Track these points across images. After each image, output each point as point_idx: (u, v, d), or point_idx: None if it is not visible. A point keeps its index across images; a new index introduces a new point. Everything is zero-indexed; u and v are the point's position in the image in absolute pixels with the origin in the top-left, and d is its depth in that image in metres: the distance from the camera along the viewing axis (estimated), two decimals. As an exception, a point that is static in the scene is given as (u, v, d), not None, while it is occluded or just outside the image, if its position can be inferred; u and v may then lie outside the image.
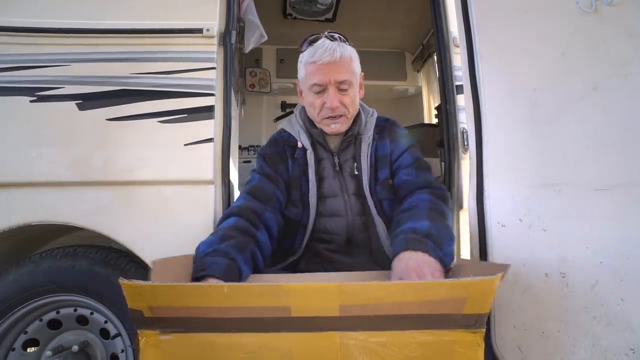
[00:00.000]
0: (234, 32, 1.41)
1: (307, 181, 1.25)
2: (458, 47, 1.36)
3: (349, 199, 1.26)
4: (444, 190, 1.18)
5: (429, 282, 0.67)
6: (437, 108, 2.48)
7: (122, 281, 0.60)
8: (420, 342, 0.62)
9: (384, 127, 1.33)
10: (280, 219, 1.21)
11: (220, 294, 0.61)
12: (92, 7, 1.39)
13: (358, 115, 1.29)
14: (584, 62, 1.16)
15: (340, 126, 1.23)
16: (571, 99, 1.15)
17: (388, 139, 1.31)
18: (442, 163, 1.68)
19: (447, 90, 1.49)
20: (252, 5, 1.71)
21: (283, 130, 1.34)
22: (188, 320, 0.62)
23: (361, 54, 1.27)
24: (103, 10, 1.39)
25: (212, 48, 1.37)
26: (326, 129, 1.24)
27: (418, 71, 3.04)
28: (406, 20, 2.66)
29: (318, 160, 1.28)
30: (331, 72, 1.17)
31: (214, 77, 1.35)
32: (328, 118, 1.21)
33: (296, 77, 1.30)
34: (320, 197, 1.26)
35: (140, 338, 0.62)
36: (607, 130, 1.12)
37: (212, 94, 1.34)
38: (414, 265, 0.88)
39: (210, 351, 0.62)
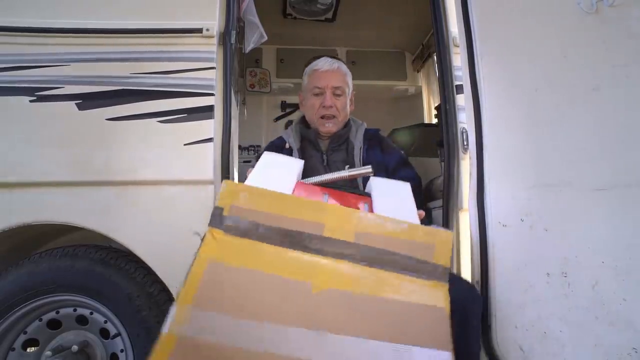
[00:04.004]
0: (233, 32, 1.41)
1: None
2: (458, 47, 1.36)
3: None
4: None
5: (412, 225, 0.84)
6: (437, 108, 2.48)
7: (226, 180, 0.82)
8: (397, 282, 0.78)
9: (372, 136, 1.54)
10: None
11: (285, 201, 0.82)
12: (92, 7, 1.39)
13: (348, 122, 1.52)
14: (585, 63, 1.16)
15: (333, 126, 1.45)
16: (572, 100, 1.15)
17: (378, 147, 1.51)
18: (442, 163, 1.68)
19: (447, 90, 1.49)
20: (252, 5, 1.70)
21: (279, 138, 1.54)
22: (250, 225, 0.78)
23: (361, 54, 1.28)
24: (103, 10, 1.39)
25: (211, 48, 1.37)
26: (321, 128, 1.46)
27: (418, 71, 3.04)
28: (406, 20, 2.65)
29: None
30: (329, 78, 1.45)
31: (213, 77, 1.35)
32: (323, 117, 1.44)
33: (296, 77, 1.32)
34: None
35: (208, 233, 0.78)
36: (608, 131, 1.11)
37: (212, 94, 1.34)
38: None
39: (256, 256, 0.76)
